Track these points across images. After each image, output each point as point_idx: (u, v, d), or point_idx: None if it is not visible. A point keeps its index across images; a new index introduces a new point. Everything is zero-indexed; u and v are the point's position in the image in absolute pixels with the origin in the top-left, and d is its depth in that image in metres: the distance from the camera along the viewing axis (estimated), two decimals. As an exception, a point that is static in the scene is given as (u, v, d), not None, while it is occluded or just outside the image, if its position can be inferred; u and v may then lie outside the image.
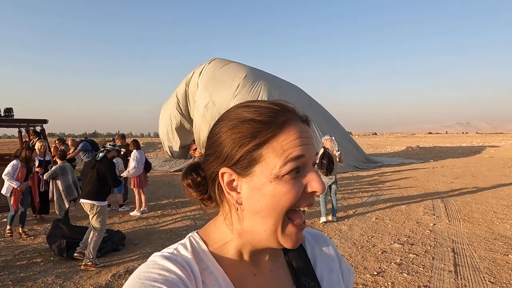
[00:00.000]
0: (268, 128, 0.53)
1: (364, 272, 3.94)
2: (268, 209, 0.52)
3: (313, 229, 0.74)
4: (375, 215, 6.59)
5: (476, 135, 78.57)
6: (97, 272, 4.02)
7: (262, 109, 0.55)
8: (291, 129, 0.54)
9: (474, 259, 4.30)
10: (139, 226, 6.06)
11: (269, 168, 0.52)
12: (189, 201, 7.98)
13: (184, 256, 0.56)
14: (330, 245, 0.71)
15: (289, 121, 0.54)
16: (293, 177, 0.52)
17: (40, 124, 8.32)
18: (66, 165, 5.85)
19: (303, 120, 0.57)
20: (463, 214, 6.53)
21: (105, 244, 4.72)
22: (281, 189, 0.52)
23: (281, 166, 0.52)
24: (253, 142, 0.53)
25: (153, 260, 0.55)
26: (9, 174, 5.25)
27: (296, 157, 0.52)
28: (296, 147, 0.52)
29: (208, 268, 0.56)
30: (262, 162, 0.53)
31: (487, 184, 10.17)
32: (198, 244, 0.59)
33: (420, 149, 27.77)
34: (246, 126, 0.54)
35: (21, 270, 4.11)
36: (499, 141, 38.76)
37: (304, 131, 0.55)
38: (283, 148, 0.52)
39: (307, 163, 0.54)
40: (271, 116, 0.54)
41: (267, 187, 0.52)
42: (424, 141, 45.41)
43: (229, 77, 14.36)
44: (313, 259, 0.67)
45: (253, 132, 0.53)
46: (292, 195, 0.52)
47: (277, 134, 0.53)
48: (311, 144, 0.55)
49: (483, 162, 16.93)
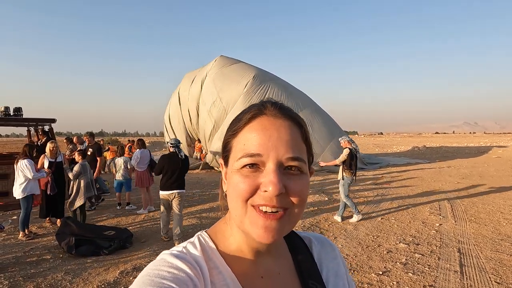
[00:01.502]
0: (239, 121, 0.57)
1: (369, 272, 3.95)
2: (234, 196, 0.54)
3: (318, 234, 0.75)
4: (381, 215, 6.58)
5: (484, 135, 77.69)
6: (105, 269, 4.09)
7: (251, 105, 0.60)
8: (256, 125, 0.55)
9: (480, 260, 4.28)
10: (146, 225, 6.13)
11: (234, 159, 0.55)
12: (195, 199, 8.05)
13: (193, 255, 0.57)
14: (336, 250, 0.72)
15: (257, 117, 0.56)
16: (250, 171, 0.53)
17: (48, 124, 8.45)
18: (86, 163, 6.04)
19: (278, 116, 0.56)
20: (469, 215, 6.49)
21: (113, 242, 4.80)
22: (237, 180, 0.53)
23: (238, 159, 0.54)
24: (229, 133, 0.59)
25: (163, 258, 0.55)
26: (35, 175, 5.23)
27: (250, 154, 0.52)
28: (253, 144, 0.53)
29: (216, 267, 0.57)
30: (232, 153, 0.57)
31: (495, 184, 10.08)
32: (206, 243, 0.60)
33: (426, 149, 27.58)
34: (234, 120, 0.59)
35: (31, 267, 4.19)
36: (507, 141, 38.29)
37: (271, 128, 0.54)
38: (244, 142, 0.54)
39: (265, 162, 0.52)
40: (247, 111, 0.58)
41: (232, 177, 0.55)
42: (431, 141, 45.04)
43: (238, 74, 14.30)
44: (319, 262, 0.67)
45: (233, 125, 0.59)
46: (243, 188, 0.52)
47: (244, 127, 0.56)
48: (277, 142, 0.53)
49: (490, 163, 16.76)
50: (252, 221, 0.52)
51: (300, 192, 0.53)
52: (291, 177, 0.53)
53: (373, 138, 65.90)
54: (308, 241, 0.70)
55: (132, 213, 6.91)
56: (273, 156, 0.52)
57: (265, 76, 14.84)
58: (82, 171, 5.86)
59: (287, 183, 0.52)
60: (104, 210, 7.19)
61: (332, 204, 7.53)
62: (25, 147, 5.50)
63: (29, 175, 5.19)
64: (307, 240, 0.70)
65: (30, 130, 9.77)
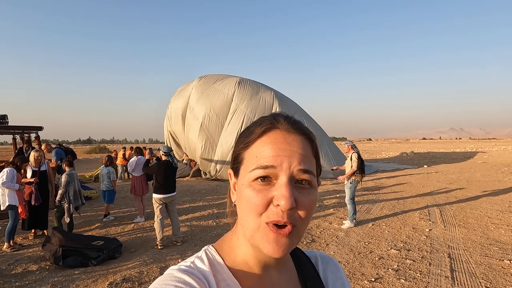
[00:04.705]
0: (252, 133, 0.57)
1: (361, 279, 3.95)
2: (246, 210, 0.54)
3: (324, 253, 0.75)
4: (371, 220, 6.62)
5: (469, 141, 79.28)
6: (93, 280, 3.98)
7: (261, 118, 0.60)
8: (269, 137, 0.55)
9: (470, 265, 4.33)
10: (135, 234, 6.02)
11: (246, 171, 0.55)
12: (185, 208, 7.96)
13: (201, 269, 0.57)
14: (341, 270, 0.72)
15: (271, 129, 0.56)
16: (262, 184, 0.53)
17: (35, 131, 8.28)
18: (73, 172, 5.92)
19: (291, 131, 0.56)
20: (458, 220, 6.58)
21: (102, 252, 4.70)
22: (250, 194, 0.53)
23: (251, 171, 0.54)
24: (241, 145, 0.59)
25: (170, 273, 0.55)
26: (5, 183, 5.08)
27: (264, 166, 0.52)
28: (267, 156, 0.53)
29: (224, 280, 0.56)
30: (244, 164, 0.57)
31: (481, 189, 10.27)
32: (214, 257, 0.60)
33: (414, 154, 28.00)
34: (244, 132, 0.60)
35: (16, 279, 4.06)
36: (492, 147, 39.19)
37: (284, 142, 0.54)
38: (256, 155, 0.54)
39: (278, 175, 0.52)
40: (259, 124, 0.58)
41: (243, 190, 0.55)
42: (418, 147, 45.76)
43: (223, 86, 14.45)
44: (325, 281, 0.68)
45: (244, 137, 0.59)
46: (256, 203, 0.52)
47: (256, 140, 0.56)
48: (291, 155, 0.53)
49: (476, 168, 17.09)
50: (263, 235, 0.52)
51: (309, 207, 0.53)
52: (302, 191, 0.53)
53: (362, 144, 66.61)
54: (314, 259, 0.71)
55: (121, 223, 6.79)
56: (286, 168, 0.52)
57: (250, 81, 15.01)
58: (70, 180, 5.74)
59: (298, 197, 0.52)
60: (92, 220, 7.03)
61: (323, 211, 7.54)
62: (17, 160, 5.44)
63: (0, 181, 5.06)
64: (313, 259, 0.71)
65: (15, 138, 9.57)
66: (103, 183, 7.21)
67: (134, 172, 7.24)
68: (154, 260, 4.65)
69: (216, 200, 9.05)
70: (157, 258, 4.71)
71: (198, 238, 5.60)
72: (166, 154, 5.55)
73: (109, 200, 7.20)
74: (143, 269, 4.33)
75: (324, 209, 7.76)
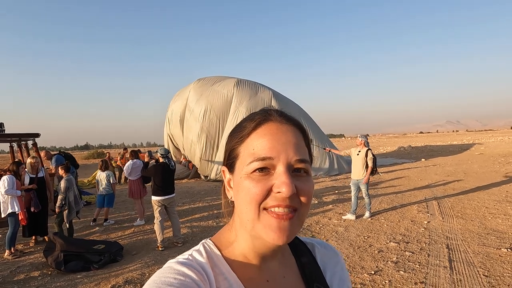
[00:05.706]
0: (244, 128, 0.59)
1: (361, 272, 4.00)
2: (245, 201, 0.55)
3: (321, 240, 0.75)
4: (371, 215, 6.66)
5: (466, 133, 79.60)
6: (96, 284, 4.01)
7: (252, 114, 0.62)
8: (263, 129, 0.57)
9: (468, 254, 4.38)
10: (136, 237, 6.04)
11: (243, 164, 0.57)
12: (185, 209, 7.98)
13: (199, 261, 0.58)
14: (339, 256, 0.73)
15: (264, 122, 0.58)
16: (261, 175, 0.54)
17: (32, 138, 8.27)
18: (71, 177, 5.92)
19: (284, 122, 0.58)
20: (456, 211, 6.64)
21: (103, 256, 4.72)
22: (249, 185, 0.54)
23: (248, 164, 0.55)
24: (234, 140, 0.60)
25: (169, 266, 0.56)
26: (8, 190, 5.09)
27: (262, 158, 0.54)
28: (264, 148, 0.55)
29: (222, 273, 0.57)
30: (240, 159, 0.58)
31: (479, 180, 10.35)
32: (211, 250, 0.61)
33: (412, 148, 28.11)
34: (236, 128, 0.61)
35: (19, 286, 4.08)
36: (489, 138, 39.38)
37: (279, 133, 0.56)
38: (253, 147, 0.56)
39: (276, 165, 0.54)
40: (250, 118, 0.60)
41: (242, 182, 0.56)
42: (415, 141, 45.90)
43: (222, 87, 14.46)
44: (322, 267, 0.68)
45: (237, 132, 0.60)
46: (256, 192, 0.53)
47: (251, 134, 0.57)
48: (286, 146, 0.55)
49: (474, 159, 17.19)
50: (265, 224, 0.53)
51: (308, 192, 0.55)
52: (300, 179, 0.55)
53: (360, 140, 66.73)
54: (311, 246, 0.72)
55: (121, 226, 6.81)
56: (283, 158, 0.54)
57: (248, 82, 15.02)
58: (69, 185, 5.75)
59: (297, 184, 0.54)
60: (92, 225, 7.04)
61: (322, 207, 7.58)
62: (13, 165, 5.43)
63: (2, 190, 5.08)
64: (310, 245, 0.72)
65: (12, 146, 9.54)
66: (101, 187, 7.20)
67: (131, 176, 7.23)
68: (155, 261, 4.68)
69: (215, 200, 9.07)
70: (158, 260, 4.74)
71: (198, 239, 5.62)
72: (163, 156, 5.56)
73: (109, 204, 7.20)
74: (145, 271, 4.36)
75: (323, 205, 7.80)
